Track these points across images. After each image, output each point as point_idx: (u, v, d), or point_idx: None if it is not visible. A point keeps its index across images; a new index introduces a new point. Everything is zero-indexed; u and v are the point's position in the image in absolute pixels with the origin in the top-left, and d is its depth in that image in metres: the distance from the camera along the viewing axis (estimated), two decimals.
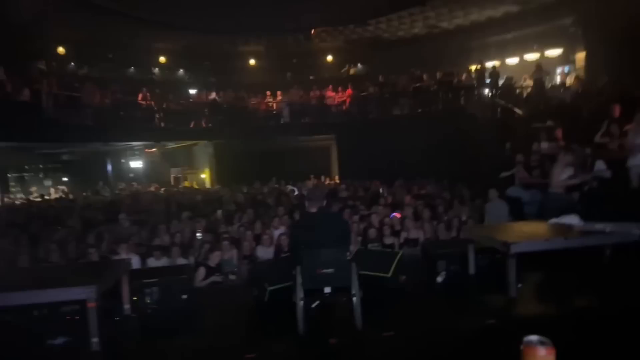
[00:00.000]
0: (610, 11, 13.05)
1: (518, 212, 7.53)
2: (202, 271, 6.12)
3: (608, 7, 13.17)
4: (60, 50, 16.07)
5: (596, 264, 5.44)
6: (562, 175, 6.20)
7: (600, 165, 7.12)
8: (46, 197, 15.34)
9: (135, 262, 6.03)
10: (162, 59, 18.84)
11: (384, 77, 16.51)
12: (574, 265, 5.27)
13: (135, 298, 5.00)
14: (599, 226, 4.78)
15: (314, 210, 4.49)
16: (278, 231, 7.46)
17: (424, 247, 6.45)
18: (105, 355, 3.92)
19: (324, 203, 4.80)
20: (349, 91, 16.77)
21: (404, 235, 7.30)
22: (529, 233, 5.05)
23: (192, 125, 16.26)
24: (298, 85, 17.60)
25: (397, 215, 7.96)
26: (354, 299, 4.06)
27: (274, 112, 17.19)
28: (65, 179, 19.42)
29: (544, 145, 8.83)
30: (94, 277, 4.25)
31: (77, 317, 4.57)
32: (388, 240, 7.11)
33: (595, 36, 13.78)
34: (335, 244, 4.22)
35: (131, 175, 20.16)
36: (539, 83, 13.14)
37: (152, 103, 15.38)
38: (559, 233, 4.89)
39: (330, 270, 4.06)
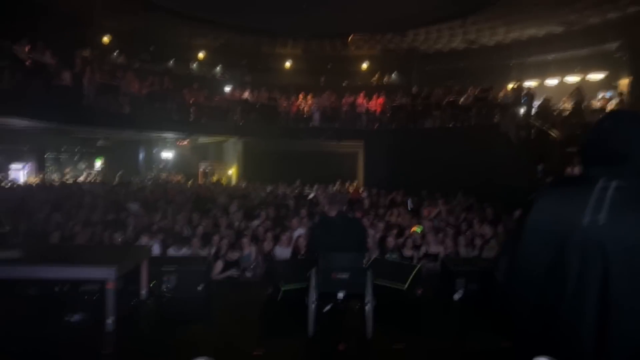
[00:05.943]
0: None
1: None
2: (219, 264, 6.19)
3: None
4: (105, 39, 16.63)
5: None
6: None
7: None
8: (79, 180, 15.88)
9: (156, 249, 6.15)
10: (200, 55, 19.24)
11: (417, 88, 16.37)
12: None
13: (152, 284, 5.11)
14: None
15: (333, 214, 4.50)
16: (297, 232, 7.47)
17: (443, 262, 6.34)
18: (118, 336, 4.02)
19: (344, 208, 4.81)
20: (381, 100, 16.71)
21: (423, 249, 7.18)
22: None
23: (224, 122, 16.58)
24: (331, 90, 17.68)
25: (416, 229, 7.80)
26: (367, 306, 4.02)
27: (305, 115, 17.30)
28: (98, 163, 20.10)
29: (577, 170, 8.56)
30: (115, 259, 4.37)
31: (95, 297, 4.71)
32: (407, 252, 7.00)
33: None
34: (353, 249, 4.20)
35: (161, 165, 20.66)
36: (577, 107, 12.74)
37: (189, 97, 15.73)
38: None
39: (345, 275, 4.04)
